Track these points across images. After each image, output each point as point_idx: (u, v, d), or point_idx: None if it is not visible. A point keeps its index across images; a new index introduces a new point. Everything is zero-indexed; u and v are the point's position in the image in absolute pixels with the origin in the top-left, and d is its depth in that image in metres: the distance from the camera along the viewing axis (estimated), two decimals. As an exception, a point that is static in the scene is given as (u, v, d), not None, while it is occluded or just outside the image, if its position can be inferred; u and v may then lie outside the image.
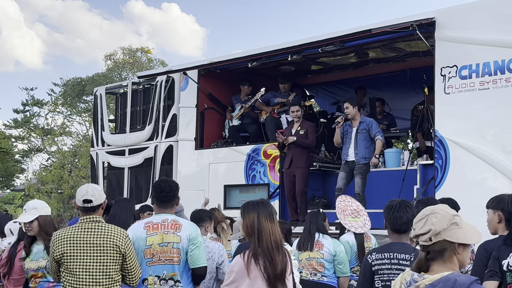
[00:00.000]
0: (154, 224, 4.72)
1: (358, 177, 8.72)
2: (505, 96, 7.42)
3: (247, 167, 10.25)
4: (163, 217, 4.77)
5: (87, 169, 24.23)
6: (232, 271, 3.92)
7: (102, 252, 4.24)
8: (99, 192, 4.45)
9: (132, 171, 12.13)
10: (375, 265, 4.21)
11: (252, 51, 10.30)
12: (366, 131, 8.82)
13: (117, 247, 4.27)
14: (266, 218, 3.90)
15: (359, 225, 6.89)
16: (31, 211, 5.12)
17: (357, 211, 7.02)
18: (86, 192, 4.38)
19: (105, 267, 4.23)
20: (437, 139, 7.97)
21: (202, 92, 11.21)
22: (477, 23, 7.76)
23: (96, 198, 4.38)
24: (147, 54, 30.95)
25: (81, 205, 4.37)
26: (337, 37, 8.92)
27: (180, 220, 4.82)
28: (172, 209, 4.86)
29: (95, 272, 4.21)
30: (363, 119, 8.98)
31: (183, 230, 4.71)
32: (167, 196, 4.80)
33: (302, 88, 12.45)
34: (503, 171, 7.34)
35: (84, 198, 4.35)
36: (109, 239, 4.27)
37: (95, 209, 4.39)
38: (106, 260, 4.24)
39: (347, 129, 9.00)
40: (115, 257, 4.27)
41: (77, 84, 29.08)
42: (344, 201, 7.19)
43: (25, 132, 31.58)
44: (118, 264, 4.30)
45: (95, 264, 4.22)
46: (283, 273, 3.85)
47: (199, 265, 4.70)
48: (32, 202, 5.28)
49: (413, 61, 10.00)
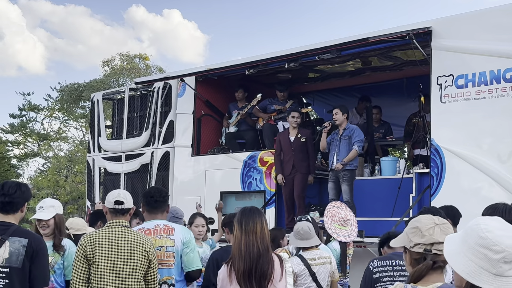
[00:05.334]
0: (146, 230, 4.78)
1: (344, 184, 8.74)
2: (500, 105, 7.45)
3: (244, 174, 10.25)
4: (155, 223, 4.84)
5: (83, 174, 24.21)
6: (219, 279, 3.96)
7: (133, 255, 4.27)
8: (130, 197, 4.51)
9: (129, 177, 12.14)
10: (376, 272, 4.18)
11: (249, 58, 10.32)
12: (348, 137, 8.86)
13: (146, 252, 4.32)
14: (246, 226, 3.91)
15: (343, 234, 6.92)
16: (49, 209, 5.11)
17: (344, 220, 7.05)
18: (119, 194, 4.44)
19: (135, 270, 4.27)
20: (433, 147, 7.99)
21: (199, 99, 11.22)
22: (473, 33, 7.80)
23: (127, 201, 4.43)
24: (145, 61, 30.99)
25: (112, 206, 4.40)
26: (334, 45, 8.95)
27: (172, 224, 4.89)
28: (162, 214, 4.93)
29: (125, 274, 4.24)
30: (348, 126, 9.02)
31: (176, 233, 4.78)
32: (158, 201, 4.88)
33: (299, 96, 12.47)
34: (498, 180, 7.36)
35: (116, 199, 4.39)
36: (139, 244, 4.31)
37: (125, 213, 4.43)
38: (136, 264, 4.27)
39: (333, 137, 9.06)
40: (143, 262, 4.31)
41: (75, 90, 29.11)
42: (335, 207, 7.23)
43: (21, 137, 31.54)
44: (145, 270, 4.34)
45: (126, 267, 4.25)
46: (262, 281, 3.82)
47: (193, 268, 4.80)
48: (48, 200, 5.27)
49: (409, 69, 10.03)
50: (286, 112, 10.44)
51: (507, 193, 7.15)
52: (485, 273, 1.94)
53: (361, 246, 8.32)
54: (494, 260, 1.93)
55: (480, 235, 1.97)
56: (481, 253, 1.95)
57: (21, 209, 4.39)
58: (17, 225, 4.38)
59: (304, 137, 9.47)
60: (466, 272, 1.98)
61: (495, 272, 1.93)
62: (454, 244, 2.08)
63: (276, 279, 3.88)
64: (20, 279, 4.20)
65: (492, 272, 1.93)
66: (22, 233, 4.28)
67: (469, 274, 1.97)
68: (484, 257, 1.94)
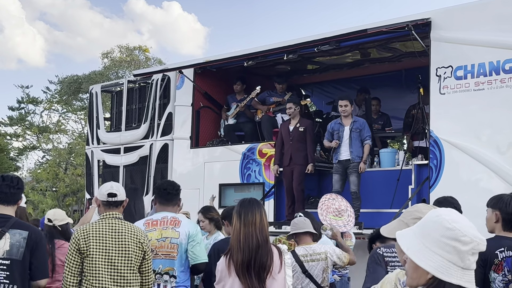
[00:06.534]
0: (153, 221, 4.88)
1: (353, 175, 8.71)
2: (500, 96, 7.44)
3: (243, 166, 10.25)
4: (163, 215, 4.93)
5: (82, 167, 24.20)
6: (218, 270, 3.95)
7: (127, 247, 4.26)
8: (123, 189, 4.52)
9: (127, 169, 12.13)
10: (386, 256, 4.15)
11: (248, 50, 10.31)
12: (359, 130, 8.83)
13: (140, 244, 4.32)
14: (246, 217, 3.90)
15: (339, 225, 6.91)
16: None
17: (338, 210, 7.04)
18: (111, 187, 4.44)
19: (130, 262, 4.26)
20: (432, 139, 7.98)
21: (197, 91, 11.20)
22: (472, 24, 7.78)
23: (120, 193, 4.44)
24: (145, 53, 30.91)
25: (105, 199, 4.39)
26: (332, 36, 8.93)
27: (180, 217, 4.94)
28: (174, 207, 5.03)
29: (120, 266, 4.23)
30: (356, 118, 8.99)
31: (182, 226, 4.82)
32: (170, 194, 5.00)
33: (298, 88, 12.45)
34: (497, 171, 7.36)
35: (109, 192, 4.39)
36: (133, 236, 4.31)
37: (118, 205, 4.43)
38: (130, 255, 4.26)
39: (338, 127, 8.99)
40: (138, 253, 4.30)
41: (73, 82, 29.05)
42: (330, 199, 7.23)
43: (20, 129, 31.51)
44: (139, 261, 4.33)
45: (120, 258, 4.24)
46: (261, 272, 3.82)
47: (200, 261, 4.83)
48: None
49: (408, 61, 10.01)
50: (285, 104, 10.42)
51: (506, 184, 7.15)
52: (454, 267, 1.85)
53: (360, 237, 8.32)
54: (463, 252, 1.83)
55: (447, 226, 1.86)
56: (450, 245, 1.84)
57: (19, 202, 4.42)
58: (16, 218, 4.40)
59: (303, 126, 9.41)
60: (435, 267, 1.85)
61: (463, 266, 1.85)
62: (412, 240, 1.93)
63: (275, 271, 3.88)
64: (21, 271, 4.24)
65: (460, 266, 1.84)
66: (22, 226, 4.32)
67: (438, 269, 1.85)
68: (452, 250, 1.84)
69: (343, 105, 8.95)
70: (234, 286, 3.84)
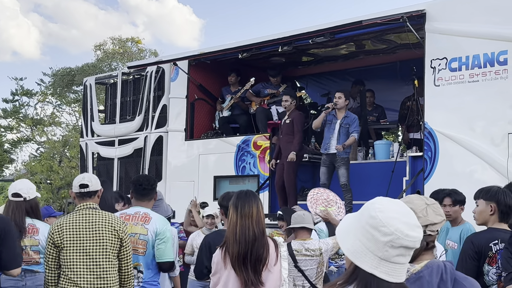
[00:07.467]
0: (127, 215, 4.86)
1: (342, 168, 8.72)
2: (494, 88, 7.45)
3: (237, 158, 10.24)
4: (136, 210, 4.91)
5: (76, 159, 24.15)
6: (214, 262, 3.95)
7: (102, 236, 4.26)
8: (95, 179, 4.50)
9: (122, 161, 12.11)
10: None
11: (242, 42, 10.28)
12: (348, 126, 8.82)
13: (115, 231, 4.30)
14: (242, 209, 3.88)
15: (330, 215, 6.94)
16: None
17: (327, 200, 7.06)
18: (83, 178, 4.43)
19: (105, 251, 4.25)
20: (426, 131, 7.99)
21: (192, 83, 11.17)
22: (467, 16, 7.77)
23: (93, 184, 4.42)
24: (137, 45, 30.77)
25: (77, 190, 4.39)
26: (327, 28, 8.91)
27: (151, 213, 4.90)
28: (149, 202, 4.98)
29: (96, 256, 4.23)
30: (348, 114, 8.95)
31: (152, 223, 4.80)
32: (145, 189, 4.93)
33: (293, 80, 12.44)
34: (491, 163, 7.38)
35: (80, 183, 4.38)
36: (107, 223, 4.30)
37: (92, 195, 4.41)
38: (106, 244, 4.25)
39: (331, 119, 8.98)
40: (114, 241, 4.29)
41: (67, 74, 28.89)
42: (318, 193, 7.26)
43: (14, 122, 31.38)
44: (116, 249, 4.31)
45: (96, 248, 4.24)
46: (257, 265, 3.81)
47: (164, 260, 4.80)
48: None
49: (403, 53, 10.00)
50: (279, 96, 10.40)
51: (500, 176, 7.17)
52: (370, 255, 1.81)
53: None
54: (381, 243, 1.79)
55: (371, 214, 1.83)
56: (369, 233, 1.81)
57: None
58: None
59: (290, 118, 9.37)
60: (351, 251, 1.84)
61: (380, 256, 1.80)
62: (348, 222, 1.93)
63: (271, 263, 3.87)
64: None
65: (377, 255, 1.80)
66: None
67: (354, 253, 1.84)
68: (371, 238, 1.81)
69: (337, 97, 8.95)
70: (230, 278, 3.84)
